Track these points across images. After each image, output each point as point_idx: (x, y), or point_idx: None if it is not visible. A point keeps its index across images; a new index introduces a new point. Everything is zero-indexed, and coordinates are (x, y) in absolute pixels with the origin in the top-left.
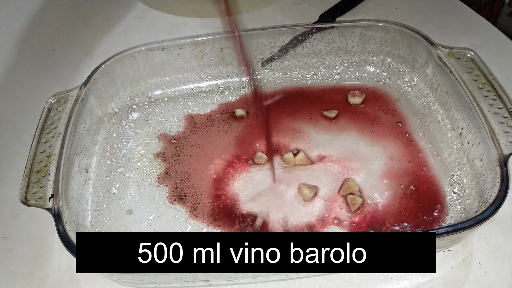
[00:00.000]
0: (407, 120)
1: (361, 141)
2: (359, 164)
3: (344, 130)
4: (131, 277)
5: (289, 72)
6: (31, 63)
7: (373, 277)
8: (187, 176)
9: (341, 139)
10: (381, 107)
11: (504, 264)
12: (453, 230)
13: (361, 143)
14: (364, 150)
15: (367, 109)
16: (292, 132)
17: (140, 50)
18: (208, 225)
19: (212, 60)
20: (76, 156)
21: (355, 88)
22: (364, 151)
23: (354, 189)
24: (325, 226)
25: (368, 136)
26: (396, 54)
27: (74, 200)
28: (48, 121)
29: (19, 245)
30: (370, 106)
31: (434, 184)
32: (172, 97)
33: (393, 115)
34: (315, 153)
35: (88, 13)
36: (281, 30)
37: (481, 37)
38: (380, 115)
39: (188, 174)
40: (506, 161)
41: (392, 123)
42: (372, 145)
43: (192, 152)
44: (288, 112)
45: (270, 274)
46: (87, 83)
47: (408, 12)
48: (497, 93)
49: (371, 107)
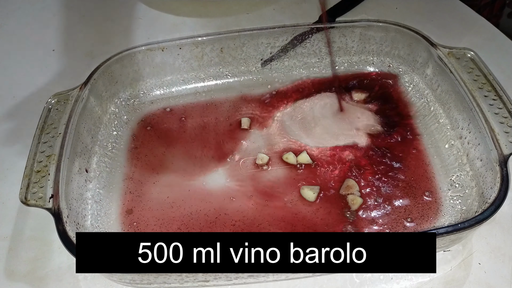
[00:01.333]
0: (407, 120)
1: (361, 142)
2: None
3: (342, 129)
4: (131, 277)
5: (289, 72)
6: (31, 63)
7: (373, 277)
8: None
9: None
10: (381, 107)
11: (504, 264)
12: (453, 230)
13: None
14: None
15: (368, 108)
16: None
17: (140, 50)
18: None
19: (212, 60)
20: (76, 156)
21: (354, 87)
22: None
23: (354, 189)
24: (327, 226)
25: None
26: (396, 54)
27: (74, 200)
28: (48, 121)
29: (19, 245)
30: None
31: (434, 184)
32: (172, 97)
33: (393, 115)
34: (314, 152)
35: (88, 13)
36: (281, 30)
37: (481, 37)
38: (380, 115)
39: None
40: (506, 161)
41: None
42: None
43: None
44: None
45: (270, 274)
46: (87, 83)
47: (408, 12)
48: (497, 93)
49: (371, 107)
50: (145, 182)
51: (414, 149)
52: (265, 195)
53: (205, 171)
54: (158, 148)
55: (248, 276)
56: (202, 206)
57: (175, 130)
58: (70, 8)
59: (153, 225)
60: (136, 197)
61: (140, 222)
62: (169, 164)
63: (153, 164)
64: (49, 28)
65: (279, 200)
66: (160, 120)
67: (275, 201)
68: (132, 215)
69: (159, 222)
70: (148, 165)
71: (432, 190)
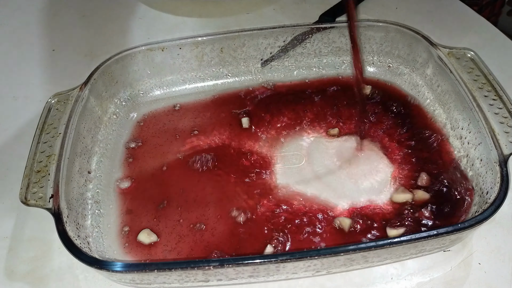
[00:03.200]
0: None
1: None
2: (361, 168)
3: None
4: (131, 277)
5: (289, 72)
6: (31, 63)
7: (373, 277)
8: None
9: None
10: (381, 107)
11: (504, 264)
12: (453, 230)
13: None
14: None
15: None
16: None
17: (140, 50)
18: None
19: (212, 60)
20: (76, 156)
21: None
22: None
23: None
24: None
25: (368, 136)
26: (396, 54)
27: (74, 200)
28: (48, 121)
29: (19, 245)
30: (370, 105)
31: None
32: (172, 97)
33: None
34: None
35: (88, 13)
36: (281, 30)
37: (481, 37)
38: (380, 114)
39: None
40: (506, 161)
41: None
42: (372, 145)
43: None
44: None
45: (270, 275)
46: (87, 83)
47: (408, 12)
48: (497, 93)
49: (371, 107)
50: (145, 182)
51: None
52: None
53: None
54: (158, 148)
55: (248, 276)
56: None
57: (176, 130)
58: (70, 8)
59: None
60: (136, 197)
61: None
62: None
63: (153, 164)
64: (49, 28)
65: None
66: (160, 120)
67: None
68: (132, 215)
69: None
70: (148, 165)
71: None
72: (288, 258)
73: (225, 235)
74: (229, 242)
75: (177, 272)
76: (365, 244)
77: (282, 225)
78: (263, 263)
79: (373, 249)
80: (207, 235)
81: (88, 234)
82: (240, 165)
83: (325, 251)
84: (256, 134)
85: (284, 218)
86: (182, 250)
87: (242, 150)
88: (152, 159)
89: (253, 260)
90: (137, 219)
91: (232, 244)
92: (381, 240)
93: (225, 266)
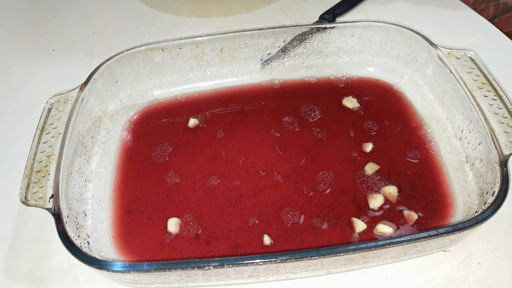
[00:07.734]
0: (407, 120)
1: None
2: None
3: (341, 131)
4: (131, 277)
5: (289, 72)
6: (31, 63)
7: (373, 277)
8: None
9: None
10: (381, 107)
11: (504, 264)
12: (453, 230)
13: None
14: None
15: (367, 108)
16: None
17: (140, 50)
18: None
19: (212, 60)
20: (76, 156)
21: (355, 87)
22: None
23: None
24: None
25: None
26: (396, 54)
27: (74, 200)
28: (48, 121)
29: (19, 245)
30: (370, 105)
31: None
32: (172, 97)
33: (393, 115)
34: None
35: (88, 13)
36: (281, 30)
37: (481, 37)
38: (380, 114)
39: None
40: (506, 161)
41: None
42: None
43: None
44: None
45: (270, 275)
46: (87, 83)
47: (408, 12)
48: (497, 93)
49: (371, 107)
50: (145, 181)
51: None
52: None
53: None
54: (159, 148)
55: (248, 276)
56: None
57: (176, 129)
58: (70, 8)
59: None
60: (136, 196)
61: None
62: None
63: (153, 164)
64: (49, 28)
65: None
66: (160, 120)
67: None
68: (132, 215)
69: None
70: (148, 165)
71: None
72: (288, 258)
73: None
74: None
75: (177, 272)
76: (365, 244)
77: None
78: (263, 263)
79: (373, 249)
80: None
81: (88, 234)
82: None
83: (325, 251)
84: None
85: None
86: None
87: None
88: (153, 159)
89: (253, 260)
90: (137, 219)
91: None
92: (381, 240)
93: (225, 266)
